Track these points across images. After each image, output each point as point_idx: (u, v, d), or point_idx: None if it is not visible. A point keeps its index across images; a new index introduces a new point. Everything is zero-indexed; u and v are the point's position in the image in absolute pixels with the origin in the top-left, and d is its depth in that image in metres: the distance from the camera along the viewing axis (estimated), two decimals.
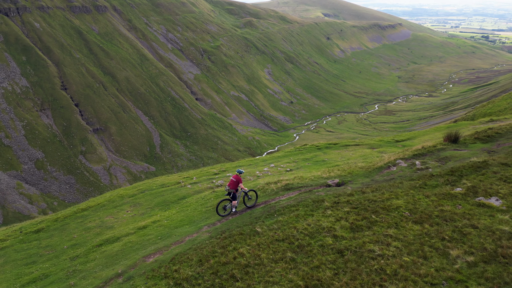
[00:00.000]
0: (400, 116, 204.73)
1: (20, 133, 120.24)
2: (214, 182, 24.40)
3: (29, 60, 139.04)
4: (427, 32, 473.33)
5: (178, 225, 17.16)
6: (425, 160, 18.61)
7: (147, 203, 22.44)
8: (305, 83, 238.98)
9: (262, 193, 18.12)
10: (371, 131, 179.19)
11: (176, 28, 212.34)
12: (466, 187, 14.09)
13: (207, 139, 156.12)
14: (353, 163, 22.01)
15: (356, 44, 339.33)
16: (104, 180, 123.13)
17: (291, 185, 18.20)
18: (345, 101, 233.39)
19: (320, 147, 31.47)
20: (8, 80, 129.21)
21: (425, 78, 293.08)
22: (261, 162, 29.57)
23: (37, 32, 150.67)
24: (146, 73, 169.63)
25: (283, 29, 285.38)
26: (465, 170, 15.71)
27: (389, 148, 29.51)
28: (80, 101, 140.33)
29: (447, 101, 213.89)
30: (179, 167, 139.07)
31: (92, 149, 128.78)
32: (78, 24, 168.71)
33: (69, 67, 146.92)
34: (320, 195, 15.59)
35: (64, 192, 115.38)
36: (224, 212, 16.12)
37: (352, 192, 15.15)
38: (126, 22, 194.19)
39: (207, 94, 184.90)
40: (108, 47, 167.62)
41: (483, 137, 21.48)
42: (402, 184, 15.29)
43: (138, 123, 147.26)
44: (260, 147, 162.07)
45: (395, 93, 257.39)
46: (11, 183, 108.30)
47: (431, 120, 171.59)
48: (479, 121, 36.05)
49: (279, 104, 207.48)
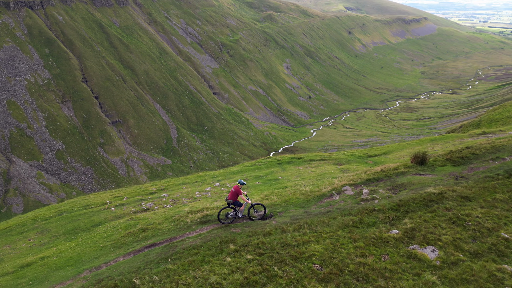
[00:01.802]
0: (421, 113, 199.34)
1: (42, 124, 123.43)
2: (142, 204, 22.35)
3: (51, 53, 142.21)
4: (453, 26, 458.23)
5: (63, 265, 15.38)
6: (376, 188, 16.39)
7: (56, 230, 20.65)
8: (325, 78, 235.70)
9: (174, 226, 16.15)
10: (391, 128, 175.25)
11: (195, 21, 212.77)
12: (404, 229, 12.25)
13: (224, 133, 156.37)
14: (301, 186, 19.54)
15: (378, 38, 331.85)
16: (121, 172, 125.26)
17: (210, 217, 16.07)
18: (365, 97, 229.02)
19: (281, 162, 28.77)
20: (31, 72, 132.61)
21: (450, 74, 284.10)
22: (210, 179, 27.04)
23: (60, 25, 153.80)
24: (165, 66, 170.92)
25: (304, 23, 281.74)
26: (413, 205, 13.78)
27: (356, 165, 26.51)
28: (100, 93, 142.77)
29: (471, 99, 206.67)
30: (195, 160, 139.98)
31: (110, 141, 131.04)
32: (100, 17, 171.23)
33: (90, 60, 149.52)
34: (234, 232, 13.85)
35: (82, 183, 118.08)
36: (226, 219, 15.14)
37: (271, 230, 13.31)
38: (147, 16, 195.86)
39: (225, 88, 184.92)
40: (128, 41, 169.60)
41: (456, 159, 18.88)
42: (334, 220, 13.52)
43: (155, 116, 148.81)
44: (276, 143, 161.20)
45: (417, 89, 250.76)
46: (32, 172, 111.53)
47: (454, 118, 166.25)
48: (469, 134, 32.11)
49: (297, 99, 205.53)
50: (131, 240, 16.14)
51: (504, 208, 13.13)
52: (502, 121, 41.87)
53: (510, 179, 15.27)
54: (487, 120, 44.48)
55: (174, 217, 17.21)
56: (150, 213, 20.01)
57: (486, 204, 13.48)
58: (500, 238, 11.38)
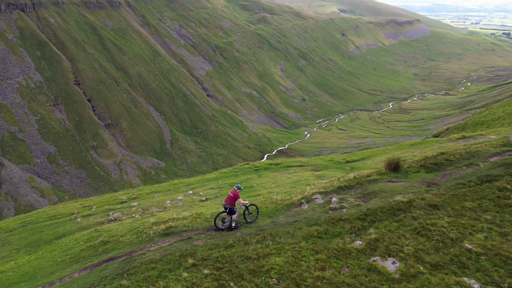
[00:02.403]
0: (414, 114, 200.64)
1: (34, 128, 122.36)
2: (110, 215, 21.63)
3: (43, 55, 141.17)
4: (445, 28, 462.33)
5: (17, 281, 14.70)
6: (346, 196, 16.12)
7: (18, 242, 19.80)
8: (318, 80, 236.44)
9: (136, 238, 15.57)
10: (384, 130, 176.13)
11: (189, 24, 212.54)
12: (368, 239, 11.91)
13: (218, 135, 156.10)
14: (273, 194, 19.15)
15: (371, 40, 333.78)
16: (114, 175, 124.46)
17: (174, 228, 15.52)
18: (359, 98, 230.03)
19: (259, 168, 28.19)
20: (22, 75, 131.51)
21: (442, 76, 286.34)
22: (184, 186, 26.24)
23: (52, 28, 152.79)
24: (158, 69, 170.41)
25: (297, 25, 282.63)
26: (381, 214, 13.47)
27: (334, 171, 26.01)
28: (93, 96, 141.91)
29: (464, 100, 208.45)
30: (189, 163, 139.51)
31: (103, 144, 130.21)
32: (93, 19, 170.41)
33: (83, 62, 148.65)
34: (195, 245, 13.37)
35: (75, 186, 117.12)
36: (223, 224, 15.01)
37: (234, 242, 12.98)
38: (140, 18, 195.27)
39: (219, 91, 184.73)
40: (121, 43, 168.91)
41: (430, 165, 18.57)
42: (300, 230, 13.21)
43: (149, 119, 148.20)
44: (270, 145, 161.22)
45: (410, 91, 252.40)
46: (24, 176, 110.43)
47: (447, 120, 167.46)
48: (448, 139, 31.43)
49: (291, 101, 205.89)
50: (90, 253, 15.59)
51: (471, 217, 12.90)
52: (487, 124, 41.41)
53: (482, 186, 15.05)
54: (472, 123, 44.16)
55: (138, 229, 16.64)
56: (115, 224, 19.42)
57: (454, 213, 13.27)
58: (463, 249, 11.15)
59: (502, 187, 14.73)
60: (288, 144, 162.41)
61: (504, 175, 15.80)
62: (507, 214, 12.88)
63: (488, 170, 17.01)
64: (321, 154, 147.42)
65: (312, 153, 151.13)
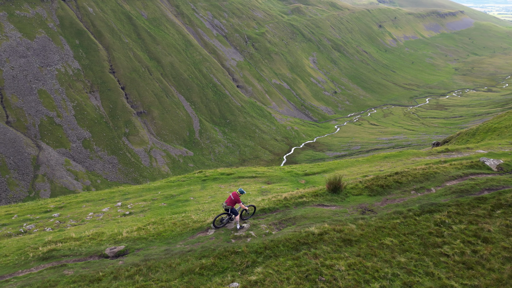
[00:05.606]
0: (452, 111, 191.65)
1: (71, 113, 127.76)
2: (23, 226, 19.55)
3: (81, 44, 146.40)
4: (492, 21, 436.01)
5: None
6: (260, 222, 14.55)
7: None
8: (352, 73, 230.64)
9: (17, 260, 13.85)
10: (419, 126, 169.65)
11: (222, 14, 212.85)
12: (247, 282, 10.49)
13: (245, 127, 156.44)
14: (197, 212, 17.75)
15: (410, 32, 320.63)
16: (144, 162, 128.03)
17: (56, 252, 13.83)
18: (394, 93, 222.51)
19: (207, 178, 26.17)
20: (61, 62, 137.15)
21: (486, 71, 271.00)
22: (119, 196, 24.32)
23: (90, 17, 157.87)
24: (190, 59, 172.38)
25: (332, 16, 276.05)
26: (282, 248, 11.94)
27: (285, 184, 23.66)
28: (126, 84, 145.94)
29: (507, 98, 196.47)
30: (216, 153, 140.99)
31: (135, 131, 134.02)
32: (129, 9, 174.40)
33: (118, 51, 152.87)
34: (63, 275, 11.87)
35: (107, 171, 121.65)
36: (221, 224, 14.84)
37: (104, 275, 11.56)
38: (174, 8, 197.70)
39: (248, 82, 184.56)
40: (155, 33, 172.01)
41: (375, 187, 16.64)
42: (185, 263, 11.80)
43: (179, 108, 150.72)
44: (298, 138, 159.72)
45: (449, 86, 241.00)
46: (60, 159, 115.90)
47: (487, 117, 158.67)
48: (428, 151, 28.12)
49: (321, 93, 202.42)
50: None
51: (383, 258, 11.23)
52: (498, 131, 37.09)
53: (419, 218, 13.35)
54: (484, 129, 39.56)
55: (25, 249, 14.85)
56: (15, 239, 17.46)
57: (366, 252, 11.60)
58: None
59: (440, 221, 12.97)
60: (316, 138, 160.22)
61: (451, 204, 13.97)
62: (427, 257, 11.19)
63: (437, 197, 15.09)
64: (350, 149, 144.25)
65: (341, 148, 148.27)
